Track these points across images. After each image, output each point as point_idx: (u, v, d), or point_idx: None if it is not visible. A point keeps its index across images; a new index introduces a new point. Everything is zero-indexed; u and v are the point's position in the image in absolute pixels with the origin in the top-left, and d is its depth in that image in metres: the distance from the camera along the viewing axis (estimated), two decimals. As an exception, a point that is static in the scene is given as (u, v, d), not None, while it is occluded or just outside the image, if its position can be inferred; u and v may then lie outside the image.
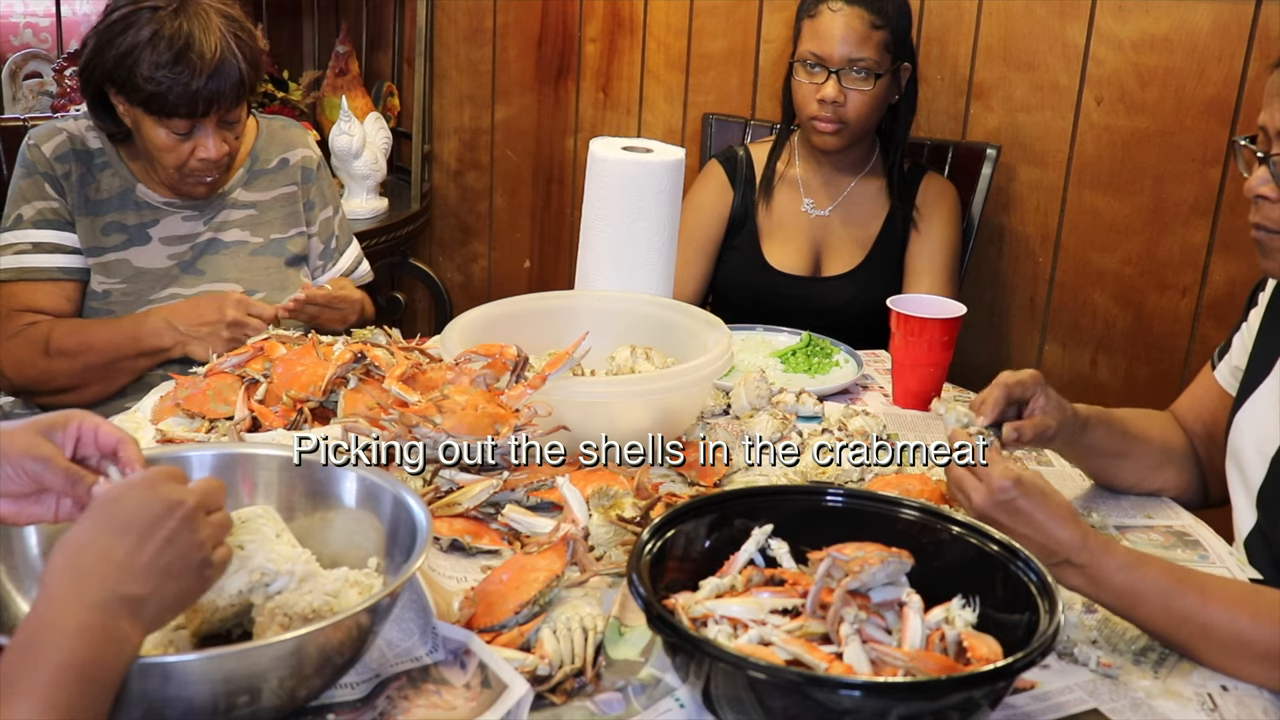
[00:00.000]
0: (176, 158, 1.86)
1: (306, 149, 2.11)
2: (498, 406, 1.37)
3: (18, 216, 1.91)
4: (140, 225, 1.95)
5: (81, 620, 0.85)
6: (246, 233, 2.02)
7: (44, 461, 0.99)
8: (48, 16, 3.19)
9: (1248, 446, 1.42)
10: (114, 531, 0.90)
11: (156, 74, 1.76)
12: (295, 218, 2.08)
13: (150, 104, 1.79)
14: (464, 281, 3.51)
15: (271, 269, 2.03)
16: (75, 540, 0.90)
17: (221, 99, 1.81)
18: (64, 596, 0.87)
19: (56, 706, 0.81)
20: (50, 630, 0.84)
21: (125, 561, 0.89)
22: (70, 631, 0.84)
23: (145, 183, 1.95)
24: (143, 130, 1.85)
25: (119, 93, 1.83)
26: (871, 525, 1.15)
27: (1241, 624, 1.13)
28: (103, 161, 1.94)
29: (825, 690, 0.95)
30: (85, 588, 0.87)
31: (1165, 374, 2.41)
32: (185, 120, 1.81)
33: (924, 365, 1.77)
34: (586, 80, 3.19)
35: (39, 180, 1.90)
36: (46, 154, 1.90)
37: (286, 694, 0.96)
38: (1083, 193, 2.45)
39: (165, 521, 0.91)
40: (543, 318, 1.72)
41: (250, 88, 1.86)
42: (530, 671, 1.06)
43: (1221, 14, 2.23)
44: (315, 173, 2.12)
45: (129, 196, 1.94)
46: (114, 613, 0.86)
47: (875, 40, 2.15)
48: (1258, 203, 1.33)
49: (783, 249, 2.32)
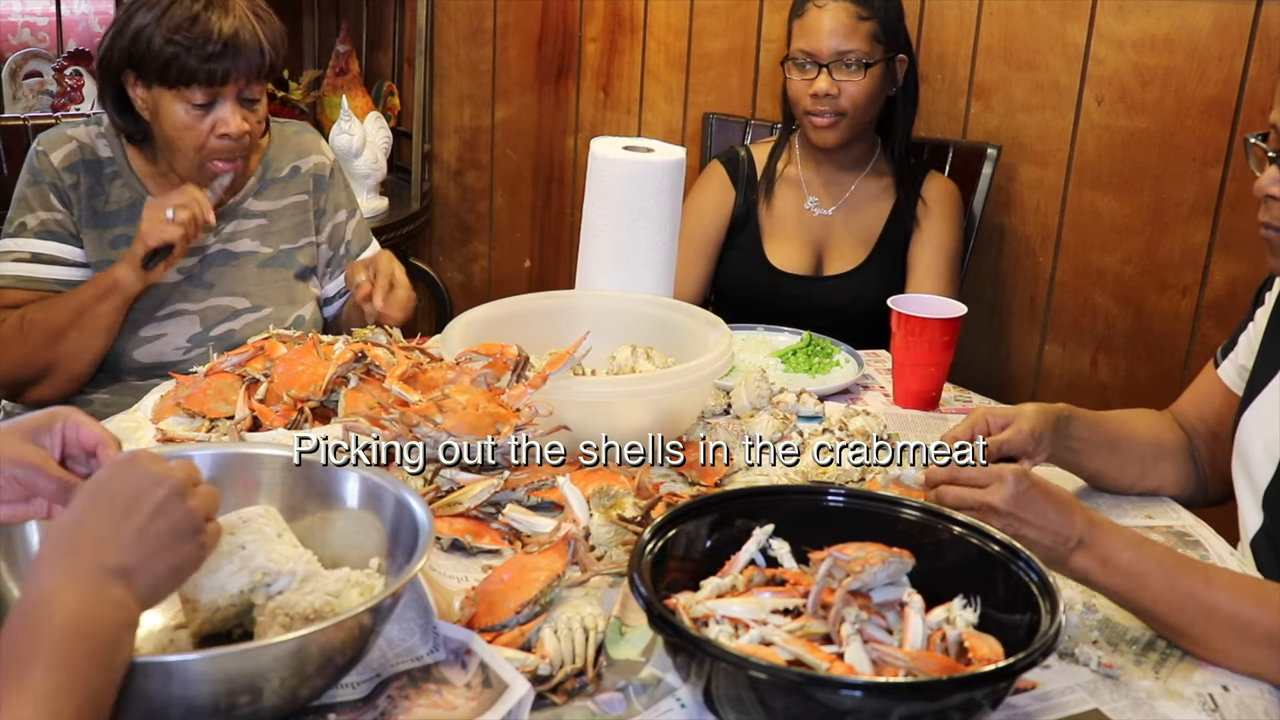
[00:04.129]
0: (196, 137, 1.82)
1: (320, 155, 2.08)
2: (498, 406, 1.37)
3: (21, 224, 1.88)
4: None
5: (74, 590, 0.85)
6: (257, 243, 1.98)
7: (35, 470, 0.99)
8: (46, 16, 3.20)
9: (1255, 446, 1.42)
10: (100, 508, 0.91)
11: (174, 37, 1.75)
12: (305, 227, 2.04)
13: (167, 72, 1.77)
14: (464, 281, 3.51)
15: (280, 282, 2.00)
16: (64, 522, 0.91)
17: (240, 67, 1.78)
18: (56, 572, 0.87)
19: (64, 665, 0.81)
20: (46, 601, 0.85)
21: (112, 535, 0.89)
22: (66, 599, 0.85)
23: (155, 194, 1.91)
24: (161, 115, 1.82)
25: (138, 77, 1.82)
26: (872, 525, 1.15)
27: (1244, 606, 1.14)
28: (113, 171, 1.91)
29: (826, 690, 0.95)
30: (75, 561, 0.87)
31: (1165, 374, 2.41)
32: (204, 90, 1.78)
33: (924, 365, 1.77)
34: (587, 80, 3.19)
35: (45, 190, 1.87)
36: (55, 163, 1.87)
37: (288, 694, 0.96)
38: (1083, 193, 2.45)
39: (153, 492, 0.92)
40: (543, 318, 1.72)
41: (271, 67, 1.84)
42: (531, 671, 1.06)
43: (1222, 14, 2.22)
44: (328, 179, 2.08)
45: (139, 208, 1.88)
46: (107, 581, 0.87)
47: (863, 31, 2.16)
48: (1267, 202, 1.32)
49: (785, 248, 2.32)
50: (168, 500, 0.92)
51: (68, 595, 0.85)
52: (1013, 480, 1.20)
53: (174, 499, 0.92)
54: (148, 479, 0.92)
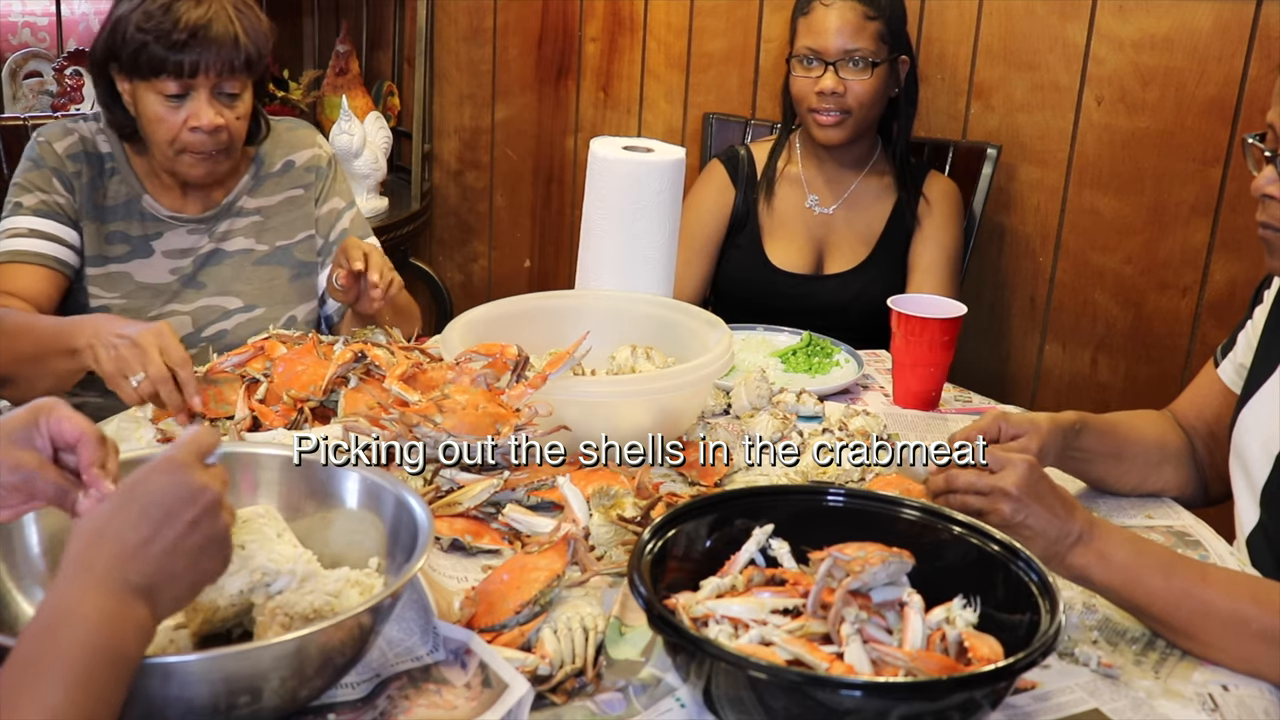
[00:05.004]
0: (169, 130, 1.79)
1: (315, 148, 2.06)
2: (498, 406, 1.37)
3: (16, 204, 1.84)
4: (144, 237, 1.90)
5: (98, 604, 0.85)
6: (251, 240, 1.96)
7: (33, 473, 0.97)
8: (45, 16, 3.20)
9: (1252, 443, 1.42)
10: (131, 518, 0.89)
11: (145, 25, 1.74)
12: (304, 221, 2.02)
13: (138, 60, 1.75)
14: (464, 281, 3.51)
15: (276, 280, 1.97)
16: (93, 525, 0.89)
17: (210, 58, 1.75)
18: (80, 581, 0.86)
19: (88, 687, 0.81)
20: (69, 614, 0.84)
21: (139, 549, 0.88)
22: (89, 614, 0.84)
23: (152, 193, 1.90)
24: (140, 107, 1.81)
25: (120, 70, 1.81)
26: (872, 525, 1.15)
27: (1242, 602, 1.15)
28: (111, 167, 1.90)
29: (826, 690, 0.94)
30: (98, 573, 0.86)
31: (1165, 374, 2.41)
32: (176, 81, 1.76)
33: (924, 365, 1.77)
34: (587, 80, 3.19)
35: (47, 174, 1.85)
36: (59, 151, 1.86)
37: (288, 694, 0.96)
38: (1083, 192, 2.45)
39: (191, 505, 0.90)
40: (543, 318, 1.72)
41: (250, 63, 1.80)
42: (531, 671, 1.06)
43: (1222, 14, 2.22)
44: (326, 169, 2.05)
45: (135, 206, 1.89)
46: (128, 598, 0.86)
47: (870, 30, 2.16)
48: (1265, 202, 1.33)
49: (785, 247, 2.32)
50: (203, 516, 0.90)
51: (90, 610, 0.84)
52: (1026, 467, 1.21)
53: (210, 515, 0.91)
54: (187, 490, 0.90)
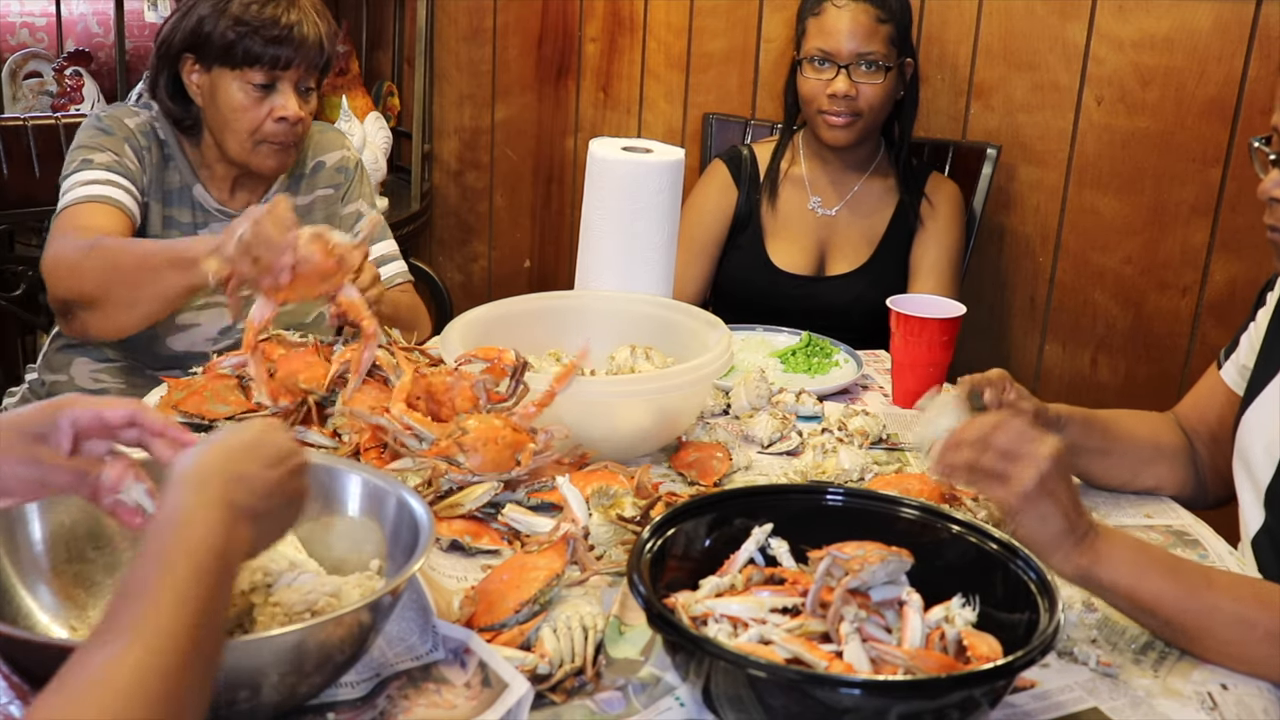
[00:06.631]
0: (252, 120, 1.84)
1: (344, 150, 2.10)
2: (513, 431, 1.36)
3: (86, 161, 1.81)
4: (192, 225, 1.93)
5: (214, 514, 0.87)
6: None
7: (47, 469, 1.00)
8: (45, 16, 3.20)
9: (1256, 445, 1.42)
10: (242, 450, 0.93)
11: (248, 13, 1.80)
12: (333, 220, 2.05)
13: (234, 50, 1.80)
14: (464, 281, 3.51)
15: None
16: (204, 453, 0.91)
17: (301, 55, 1.83)
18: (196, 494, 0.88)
19: (208, 579, 0.82)
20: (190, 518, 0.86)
21: (251, 477, 0.91)
22: (208, 518, 0.86)
23: (205, 183, 1.94)
24: (218, 96, 1.84)
25: (197, 59, 1.84)
26: (871, 524, 1.15)
27: (1246, 605, 1.14)
28: (168, 154, 1.93)
29: (825, 689, 0.95)
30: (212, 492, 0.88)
31: (1165, 374, 2.42)
32: (266, 71, 1.82)
33: (924, 365, 1.77)
34: (586, 80, 3.19)
35: (119, 141, 1.86)
36: (130, 126, 1.88)
37: (287, 690, 0.96)
38: (1083, 192, 2.46)
39: (294, 456, 0.96)
40: (543, 318, 1.72)
41: (328, 63, 1.89)
42: (530, 670, 1.06)
43: (1222, 14, 2.23)
44: (353, 171, 2.10)
45: (187, 194, 1.93)
46: (238, 517, 0.88)
47: (882, 34, 2.16)
48: (1272, 205, 1.32)
49: (787, 248, 2.32)
50: (300, 469, 0.96)
51: (208, 515, 0.86)
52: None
53: (303, 471, 0.97)
54: (289, 444, 0.96)
